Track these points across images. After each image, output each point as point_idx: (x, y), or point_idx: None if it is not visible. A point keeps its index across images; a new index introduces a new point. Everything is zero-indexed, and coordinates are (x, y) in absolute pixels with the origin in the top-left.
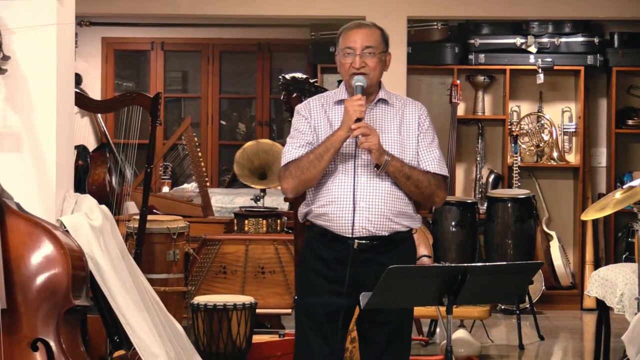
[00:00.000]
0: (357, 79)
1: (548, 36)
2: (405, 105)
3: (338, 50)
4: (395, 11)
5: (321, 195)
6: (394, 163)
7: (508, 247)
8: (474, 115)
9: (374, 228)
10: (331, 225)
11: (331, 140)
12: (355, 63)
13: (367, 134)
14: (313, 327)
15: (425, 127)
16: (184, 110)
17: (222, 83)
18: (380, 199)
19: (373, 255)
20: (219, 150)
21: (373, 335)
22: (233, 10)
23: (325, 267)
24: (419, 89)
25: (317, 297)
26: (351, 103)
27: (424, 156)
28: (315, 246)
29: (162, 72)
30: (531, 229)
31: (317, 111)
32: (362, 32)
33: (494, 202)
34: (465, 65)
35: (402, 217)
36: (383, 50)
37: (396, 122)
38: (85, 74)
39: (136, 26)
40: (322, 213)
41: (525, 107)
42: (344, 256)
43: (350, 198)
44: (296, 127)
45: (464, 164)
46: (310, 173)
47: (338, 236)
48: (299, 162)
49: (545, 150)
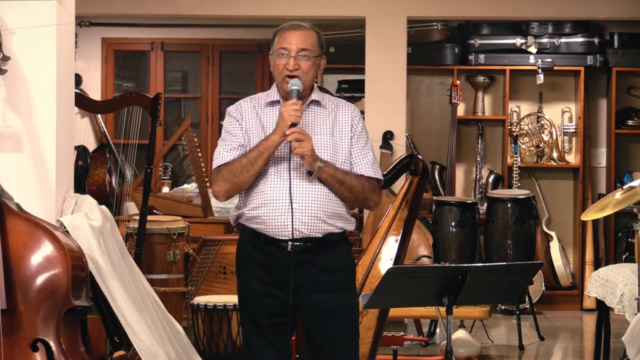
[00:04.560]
0: (292, 82)
1: (548, 36)
2: (338, 107)
3: (272, 50)
4: (395, 11)
5: (253, 198)
6: (326, 169)
7: (508, 247)
8: (474, 116)
9: (308, 230)
10: (264, 228)
11: (265, 145)
12: (289, 65)
13: (301, 140)
14: (256, 332)
15: (359, 130)
16: (184, 110)
17: (222, 83)
18: (313, 200)
19: (308, 257)
20: None
21: (317, 334)
22: (233, 11)
23: (260, 271)
24: (419, 89)
25: (256, 302)
26: (286, 108)
27: (358, 159)
28: (249, 250)
29: (162, 72)
30: (531, 229)
31: (249, 113)
32: (297, 33)
33: (494, 203)
34: (465, 65)
35: (335, 219)
36: (318, 54)
37: (329, 124)
38: (85, 74)
39: (136, 26)
40: (255, 216)
41: (525, 108)
42: (278, 259)
43: (285, 200)
44: (227, 129)
45: (464, 165)
46: (243, 177)
47: (271, 239)
48: (232, 165)
49: (545, 150)
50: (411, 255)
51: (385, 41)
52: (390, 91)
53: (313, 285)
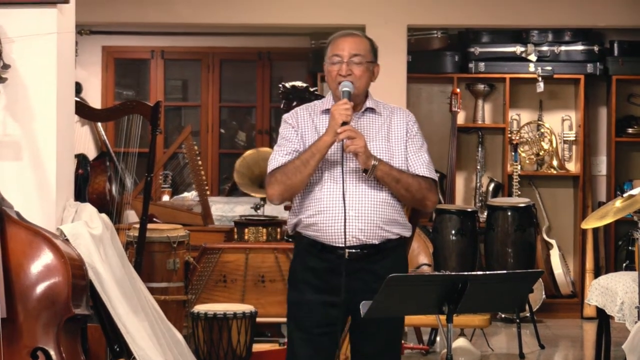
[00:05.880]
0: (344, 84)
1: (548, 44)
2: (393, 113)
3: (326, 59)
4: (395, 19)
5: (309, 205)
6: (381, 167)
7: (508, 255)
8: (474, 124)
9: (365, 237)
10: (320, 236)
11: (317, 145)
12: (341, 70)
13: (353, 137)
14: (304, 339)
15: (414, 133)
16: (184, 118)
17: (222, 91)
18: (371, 206)
19: (364, 264)
20: (219, 159)
21: (364, 346)
22: (233, 19)
23: (315, 278)
24: (419, 97)
25: (308, 309)
26: (337, 107)
27: (413, 160)
28: (305, 257)
29: (162, 80)
30: (531, 238)
31: (305, 120)
32: (350, 40)
33: (494, 211)
34: (465, 73)
35: (392, 225)
36: (371, 60)
37: (384, 130)
38: (85, 82)
39: (136, 34)
40: (312, 223)
41: (525, 116)
42: (335, 266)
43: (340, 207)
44: (283, 135)
45: (464, 173)
46: (296, 178)
47: (328, 246)
48: (285, 168)
49: (545, 158)
50: (411, 264)
51: (385, 49)
52: (390, 99)
53: (367, 293)
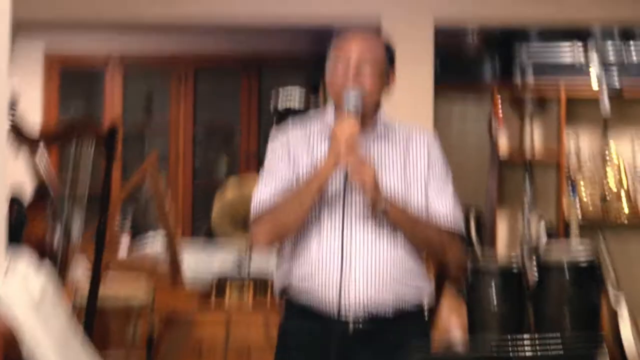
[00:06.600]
0: (350, 94)
1: (615, 49)
2: (411, 135)
3: (328, 61)
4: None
5: (302, 263)
6: (393, 215)
7: (563, 318)
8: (519, 152)
9: (373, 304)
10: (318, 306)
11: (315, 179)
12: (348, 76)
13: (359, 168)
14: None
15: (435, 161)
16: (148, 142)
17: (197, 108)
18: (382, 262)
19: (374, 334)
20: (193, 192)
21: None
22: (212, 16)
23: (310, 343)
24: (449, 114)
25: None
26: (340, 126)
27: (436, 204)
28: (298, 322)
29: (120, 94)
30: (595, 298)
31: (297, 141)
32: (360, 41)
33: (547, 270)
34: (508, 85)
35: (408, 287)
36: (385, 67)
37: (400, 158)
38: (21, 94)
39: (88, 35)
40: (305, 290)
41: (587, 142)
42: (334, 343)
43: (338, 265)
44: (270, 162)
45: (507, 210)
46: (289, 220)
47: (327, 319)
48: (274, 208)
49: (612, 200)
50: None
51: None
52: (412, 116)
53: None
